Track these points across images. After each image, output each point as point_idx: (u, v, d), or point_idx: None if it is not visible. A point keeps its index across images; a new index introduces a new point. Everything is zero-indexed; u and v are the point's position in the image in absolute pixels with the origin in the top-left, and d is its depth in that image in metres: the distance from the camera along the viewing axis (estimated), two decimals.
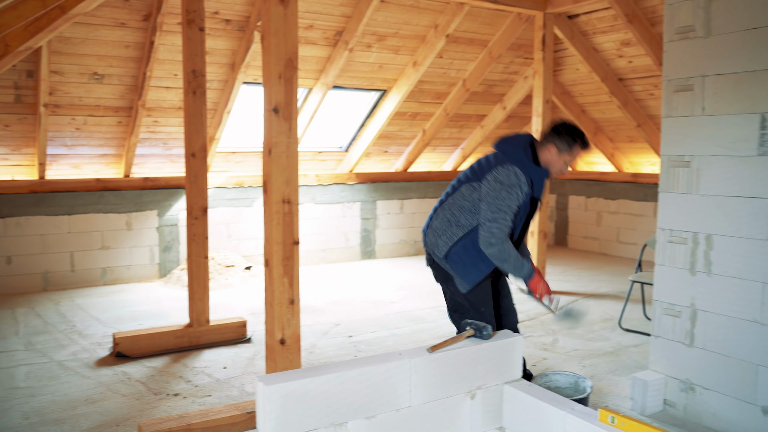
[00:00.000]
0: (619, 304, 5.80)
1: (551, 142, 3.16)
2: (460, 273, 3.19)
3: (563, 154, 3.14)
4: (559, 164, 3.17)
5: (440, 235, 3.21)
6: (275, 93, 3.04)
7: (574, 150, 3.14)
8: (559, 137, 3.13)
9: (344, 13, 6.11)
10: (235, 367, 4.12)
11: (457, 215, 3.17)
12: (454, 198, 3.22)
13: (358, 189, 8.14)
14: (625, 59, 6.92)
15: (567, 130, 3.16)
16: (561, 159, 3.15)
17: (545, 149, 3.17)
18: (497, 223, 3.02)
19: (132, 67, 5.84)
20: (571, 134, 3.14)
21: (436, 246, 3.24)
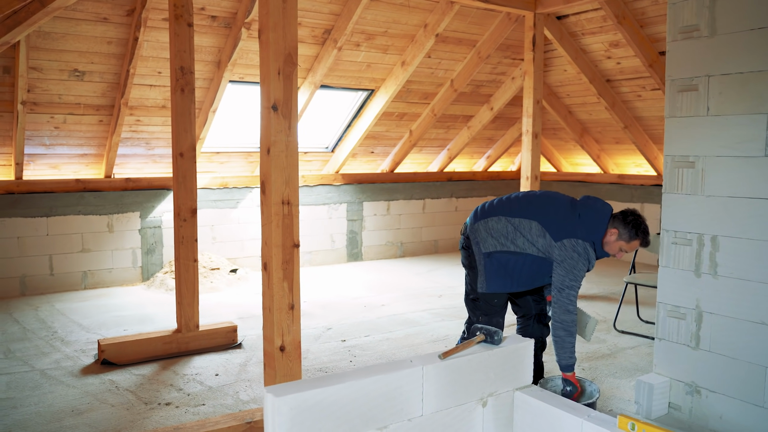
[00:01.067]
0: (610, 306, 5.78)
1: (615, 227, 3.26)
2: (490, 275, 3.34)
3: (620, 242, 3.25)
4: (614, 249, 3.28)
5: (494, 236, 3.33)
6: (274, 90, 2.92)
7: (632, 242, 3.25)
8: (624, 225, 3.24)
9: (333, 11, 6.00)
10: (228, 374, 3.99)
11: (515, 237, 3.31)
12: (521, 224, 3.32)
13: (344, 190, 8.03)
14: (613, 60, 6.91)
15: (635, 221, 3.26)
16: (617, 244, 3.26)
17: (608, 231, 3.27)
18: (574, 291, 3.23)
19: (114, 64, 5.67)
20: (637, 226, 3.25)
21: (484, 241, 3.35)
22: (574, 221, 3.28)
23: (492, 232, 3.34)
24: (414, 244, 8.72)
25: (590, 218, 3.29)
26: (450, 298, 6.11)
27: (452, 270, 7.62)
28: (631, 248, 3.27)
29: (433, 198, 8.85)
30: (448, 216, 9.02)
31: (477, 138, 8.71)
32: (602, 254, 3.31)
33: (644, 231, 3.26)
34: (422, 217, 8.78)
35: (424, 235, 8.81)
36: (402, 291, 6.45)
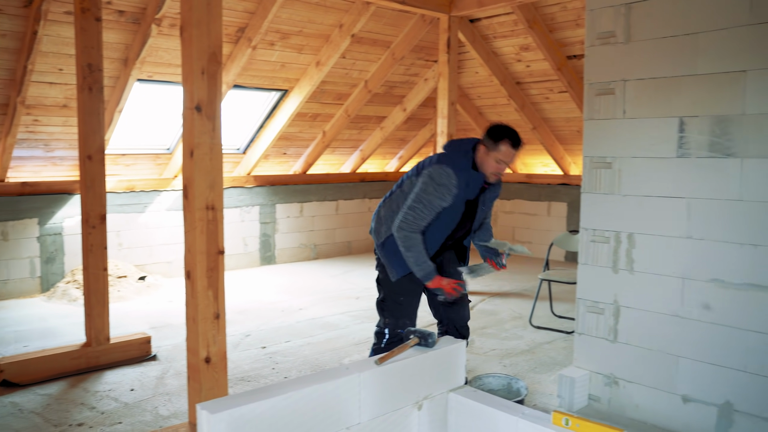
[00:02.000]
0: (524, 302, 5.94)
1: (482, 143, 3.25)
2: (391, 262, 3.34)
3: (491, 153, 3.18)
4: (491, 165, 3.21)
5: (383, 223, 3.37)
6: (197, 90, 2.80)
7: (501, 148, 3.17)
8: (488, 136, 3.21)
9: (247, 9, 5.84)
10: (144, 388, 3.79)
11: (398, 211, 3.28)
12: (400, 191, 3.35)
13: (256, 192, 7.85)
14: (523, 63, 7.11)
15: (494, 129, 3.22)
16: (491, 158, 3.19)
17: (478, 151, 3.25)
18: (413, 212, 3.17)
19: (9, 60, 5.27)
20: (497, 132, 3.19)
21: (377, 233, 3.40)
22: (434, 159, 3.29)
23: (382, 219, 3.38)
24: (328, 245, 8.65)
25: (450, 149, 3.31)
26: (367, 300, 6.09)
27: (367, 271, 7.60)
28: (505, 155, 3.18)
29: (347, 199, 8.82)
30: (361, 217, 9.01)
31: (390, 139, 8.75)
32: (478, 177, 3.23)
33: (508, 132, 3.20)
34: (335, 218, 8.72)
35: (337, 236, 8.75)
36: (319, 294, 6.37)
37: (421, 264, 3.20)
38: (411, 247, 3.18)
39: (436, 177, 3.16)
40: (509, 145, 3.18)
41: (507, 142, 3.17)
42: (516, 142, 3.22)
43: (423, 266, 3.20)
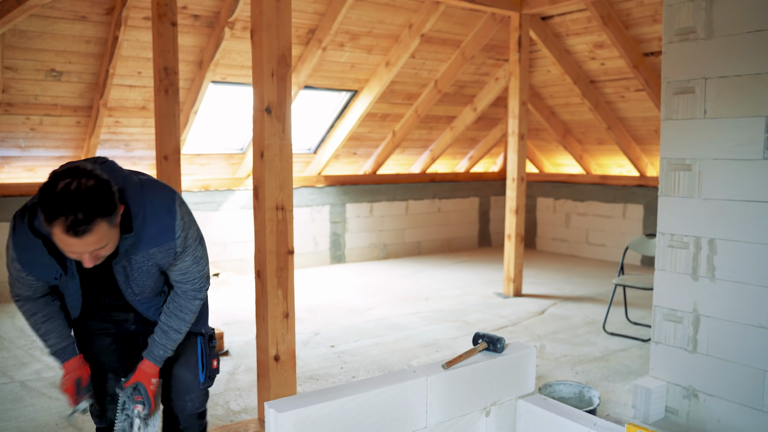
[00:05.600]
0: (597, 307, 5.77)
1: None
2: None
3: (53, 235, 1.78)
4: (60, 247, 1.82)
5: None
6: (267, 92, 2.85)
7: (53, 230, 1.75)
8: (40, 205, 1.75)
9: (317, 11, 5.91)
10: (216, 383, 3.87)
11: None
12: None
13: (326, 192, 7.94)
14: (597, 61, 6.92)
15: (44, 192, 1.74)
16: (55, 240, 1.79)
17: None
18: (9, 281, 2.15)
19: (93, 64, 5.52)
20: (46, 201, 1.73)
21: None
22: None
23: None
24: (397, 245, 8.66)
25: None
26: (436, 301, 6.06)
27: (436, 272, 7.57)
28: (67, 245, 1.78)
29: (416, 199, 8.80)
30: (431, 217, 8.98)
31: (460, 139, 8.68)
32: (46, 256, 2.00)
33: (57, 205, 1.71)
34: (405, 218, 8.72)
35: (407, 236, 8.75)
36: (387, 294, 6.38)
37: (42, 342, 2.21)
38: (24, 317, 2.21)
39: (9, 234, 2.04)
40: (63, 230, 1.73)
41: (59, 225, 1.72)
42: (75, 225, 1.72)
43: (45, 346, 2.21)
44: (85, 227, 1.74)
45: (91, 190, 1.75)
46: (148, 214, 2.01)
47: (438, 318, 5.45)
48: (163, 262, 2.10)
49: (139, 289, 2.15)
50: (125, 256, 2.04)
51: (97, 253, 1.85)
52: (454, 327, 5.17)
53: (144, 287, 2.16)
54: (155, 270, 2.13)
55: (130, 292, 2.16)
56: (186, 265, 2.15)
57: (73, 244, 1.77)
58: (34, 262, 2.00)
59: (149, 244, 2.04)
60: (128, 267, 2.08)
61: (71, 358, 2.19)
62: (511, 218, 6.29)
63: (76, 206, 1.72)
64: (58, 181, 1.74)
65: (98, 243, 1.81)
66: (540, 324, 5.27)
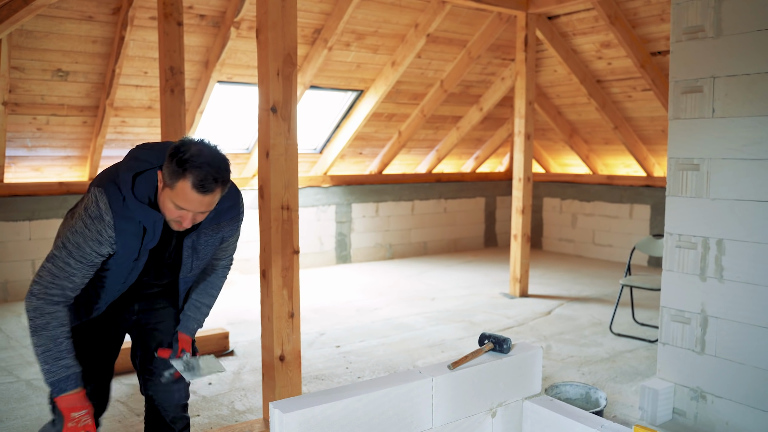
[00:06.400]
0: (604, 307, 5.74)
1: (163, 169, 1.97)
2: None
3: (166, 191, 1.95)
4: (168, 208, 1.98)
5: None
6: (273, 91, 2.84)
7: (177, 186, 1.91)
8: (168, 161, 1.93)
9: (324, 10, 5.90)
10: (221, 383, 3.88)
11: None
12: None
13: (332, 192, 7.94)
14: (604, 61, 6.89)
15: (179, 150, 1.92)
16: (166, 198, 1.96)
17: (160, 179, 2.00)
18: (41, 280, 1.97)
19: (99, 64, 5.52)
20: (180, 158, 1.90)
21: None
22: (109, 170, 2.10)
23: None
24: (403, 245, 8.65)
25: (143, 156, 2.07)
26: (442, 302, 6.04)
27: (443, 272, 7.55)
28: (184, 200, 1.92)
29: (422, 199, 8.78)
30: (437, 217, 8.96)
31: (466, 139, 8.66)
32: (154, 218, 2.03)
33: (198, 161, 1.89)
34: (411, 218, 8.70)
35: (413, 236, 8.73)
36: (393, 294, 6.37)
37: (50, 362, 1.95)
38: (39, 329, 1.96)
39: (90, 209, 1.98)
40: (190, 185, 1.89)
41: (188, 178, 1.89)
42: (205, 183, 1.90)
43: (52, 367, 1.95)
44: (211, 186, 1.91)
45: (221, 157, 1.97)
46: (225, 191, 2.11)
47: (444, 318, 5.43)
48: (227, 235, 2.29)
49: (198, 262, 2.27)
50: (197, 230, 2.18)
51: (197, 216, 2.01)
52: (460, 327, 5.16)
53: (203, 261, 2.29)
54: (217, 244, 2.28)
55: (189, 267, 2.25)
56: (233, 240, 2.36)
57: (192, 200, 1.92)
58: (128, 231, 2.00)
59: (223, 216, 2.21)
60: (197, 241, 2.20)
61: (81, 388, 2.00)
62: (517, 218, 6.27)
63: (208, 166, 1.90)
64: (191, 144, 1.93)
65: (209, 206, 1.99)
66: (546, 324, 5.25)
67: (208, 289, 2.41)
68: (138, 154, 2.06)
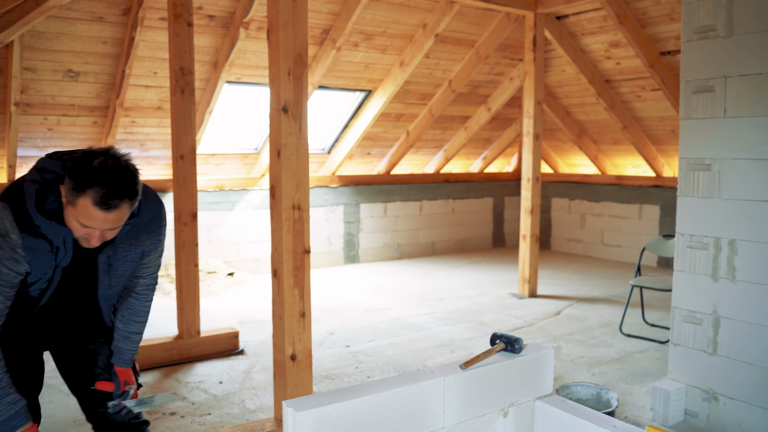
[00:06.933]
0: (613, 308, 5.73)
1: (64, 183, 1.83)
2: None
3: (69, 207, 1.82)
4: (73, 224, 1.85)
5: None
6: (284, 91, 2.85)
7: (79, 202, 1.78)
8: (68, 175, 1.79)
9: (332, 11, 5.91)
10: (232, 381, 3.89)
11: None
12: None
13: (341, 192, 7.94)
14: (613, 61, 6.87)
15: (79, 162, 1.78)
16: (70, 214, 1.84)
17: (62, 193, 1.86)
18: None
19: (109, 65, 5.55)
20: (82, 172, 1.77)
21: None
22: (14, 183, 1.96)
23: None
24: (411, 246, 8.65)
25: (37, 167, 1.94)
26: (451, 302, 6.04)
27: (451, 272, 7.55)
28: (88, 218, 1.79)
29: (430, 199, 8.78)
30: (445, 218, 8.96)
31: (474, 139, 8.65)
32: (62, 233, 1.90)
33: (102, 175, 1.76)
34: (419, 218, 8.70)
35: (421, 236, 8.73)
36: (402, 294, 6.37)
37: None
38: None
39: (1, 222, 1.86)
40: (92, 202, 1.77)
41: (89, 195, 1.76)
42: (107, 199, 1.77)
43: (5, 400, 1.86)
44: (116, 202, 1.78)
45: (125, 170, 1.82)
46: (143, 203, 2.03)
47: (453, 318, 5.43)
48: (147, 250, 2.15)
49: (116, 280, 2.13)
50: (113, 245, 2.05)
51: (106, 233, 1.88)
52: (469, 327, 5.15)
53: (121, 279, 2.15)
54: (137, 260, 2.14)
55: (106, 284, 2.12)
56: (154, 257, 2.21)
57: (96, 218, 1.79)
58: (37, 248, 1.88)
59: (142, 230, 2.08)
60: (113, 257, 2.07)
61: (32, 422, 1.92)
62: (525, 218, 6.26)
63: (111, 182, 1.77)
64: (93, 157, 1.79)
65: (116, 222, 1.85)
66: (556, 325, 5.24)
67: (133, 317, 2.25)
68: (45, 164, 1.92)
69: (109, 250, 2.05)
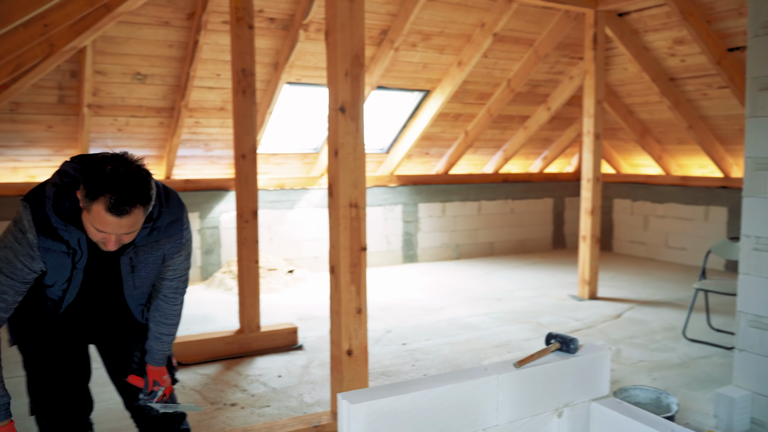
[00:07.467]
0: (676, 312, 5.58)
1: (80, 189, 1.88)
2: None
3: (85, 212, 1.87)
4: (90, 229, 1.90)
5: None
6: (341, 91, 2.90)
7: (93, 208, 1.82)
8: (83, 182, 1.84)
9: (390, 12, 5.96)
10: (291, 375, 3.99)
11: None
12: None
13: (399, 191, 7.99)
14: (677, 58, 6.68)
15: (92, 170, 1.83)
16: (86, 219, 1.89)
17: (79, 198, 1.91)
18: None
19: (175, 67, 5.75)
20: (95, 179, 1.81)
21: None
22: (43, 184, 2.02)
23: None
24: (469, 246, 8.62)
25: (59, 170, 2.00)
26: (509, 302, 6.00)
27: (509, 273, 7.49)
28: (102, 223, 1.83)
29: (489, 199, 8.73)
30: (503, 218, 8.89)
31: (533, 139, 8.56)
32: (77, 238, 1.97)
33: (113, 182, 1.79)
34: (478, 218, 8.67)
35: (479, 237, 8.70)
36: (459, 294, 6.36)
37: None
38: None
39: (19, 224, 1.95)
40: (104, 208, 1.81)
41: (101, 201, 1.80)
42: (119, 205, 1.80)
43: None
44: (127, 208, 1.81)
45: (138, 176, 1.85)
46: (164, 206, 2.09)
47: (510, 319, 5.40)
48: (168, 253, 2.18)
49: (140, 281, 2.19)
50: (134, 247, 2.09)
51: (122, 237, 1.91)
52: (527, 328, 5.11)
53: (145, 280, 2.20)
54: (159, 262, 2.18)
55: (131, 285, 2.18)
56: (180, 260, 2.23)
57: (109, 223, 1.83)
58: (54, 249, 1.95)
59: (162, 233, 2.12)
60: (135, 258, 2.12)
61: (8, 420, 1.98)
62: (586, 219, 6.16)
63: (123, 188, 1.79)
64: (106, 163, 1.82)
65: (130, 227, 1.88)
66: (616, 328, 5.14)
67: (162, 319, 2.29)
68: (66, 168, 1.99)
69: (131, 252, 2.10)
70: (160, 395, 2.34)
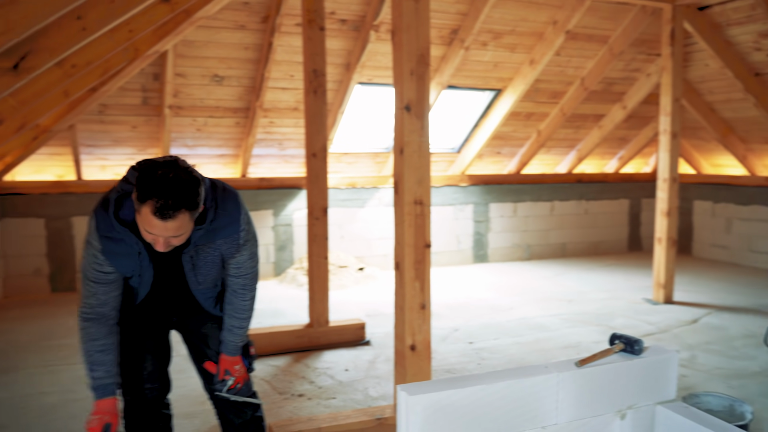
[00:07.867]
0: (758, 319, 5.34)
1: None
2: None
3: (137, 215, 1.97)
4: (141, 229, 2.00)
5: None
6: (407, 90, 2.94)
7: (142, 210, 1.92)
8: (135, 186, 1.95)
9: (460, 11, 5.96)
10: (357, 369, 4.07)
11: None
12: None
13: (470, 191, 7.97)
14: (763, 52, 6.38)
15: (144, 174, 1.93)
16: (138, 220, 1.98)
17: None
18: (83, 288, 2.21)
19: (250, 69, 5.95)
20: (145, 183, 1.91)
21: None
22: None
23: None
24: (541, 246, 8.50)
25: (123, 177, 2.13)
26: (580, 304, 5.89)
27: (581, 275, 7.35)
28: (149, 225, 1.94)
29: (562, 200, 8.59)
30: (577, 219, 8.72)
31: (608, 138, 8.36)
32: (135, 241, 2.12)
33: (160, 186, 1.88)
34: (550, 219, 8.54)
35: (551, 237, 8.56)
36: (529, 294, 6.30)
37: (86, 371, 2.21)
38: (81, 342, 2.22)
39: (88, 233, 2.15)
40: (151, 211, 1.90)
41: (148, 205, 1.90)
42: (164, 209, 1.89)
43: (87, 375, 2.20)
44: (171, 212, 1.90)
45: (184, 182, 1.93)
46: (219, 209, 2.18)
47: (581, 321, 5.31)
48: (226, 253, 2.29)
49: (203, 278, 2.32)
50: (194, 246, 2.21)
51: (171, 240, 2.02)
52: (597, 331, 5.02)
53: (207, 277, 2.33)
54: (218, 261, 2.30)
55: (194, 281, 2.32)
56: (243, 259, 2.33)
57: (156, 226, 1.93)
58: (118, 252, 2.12)
59: (218, 235, 2.22)
60: (195, 257, 2.24)
61: (108, 397, 2.19)
62: (662, 221, 5.98)
63: (169, 193, 1.88)
64: (157, 168, 1.92)
65: (176, 231, 1.98)
66: (691, 333, 4.98)
67: (233, 313, 2.40)
68: (128, 174, 2.11)
69: (191, 250, 2.22)
70: (232, 384, 2.44)
